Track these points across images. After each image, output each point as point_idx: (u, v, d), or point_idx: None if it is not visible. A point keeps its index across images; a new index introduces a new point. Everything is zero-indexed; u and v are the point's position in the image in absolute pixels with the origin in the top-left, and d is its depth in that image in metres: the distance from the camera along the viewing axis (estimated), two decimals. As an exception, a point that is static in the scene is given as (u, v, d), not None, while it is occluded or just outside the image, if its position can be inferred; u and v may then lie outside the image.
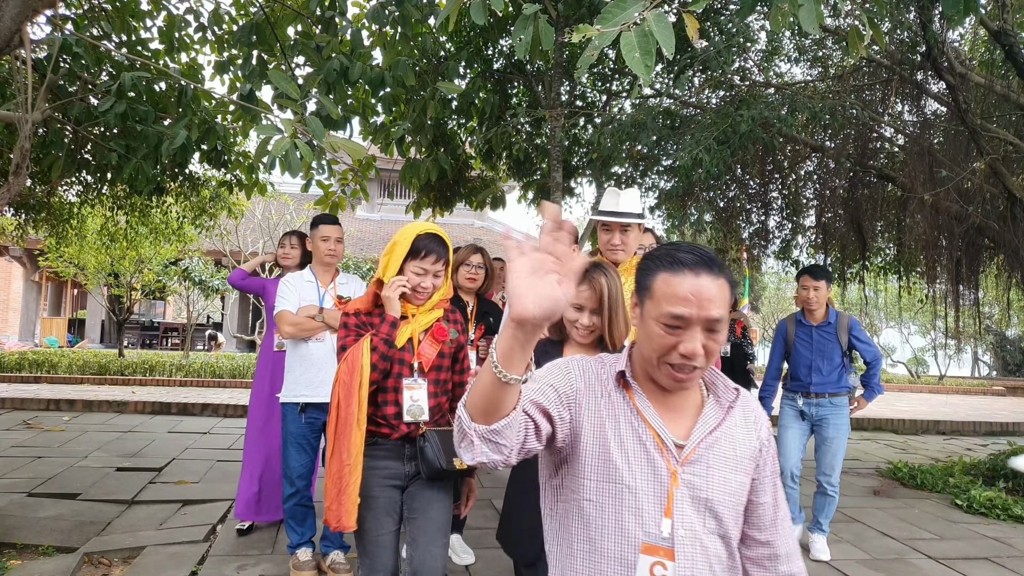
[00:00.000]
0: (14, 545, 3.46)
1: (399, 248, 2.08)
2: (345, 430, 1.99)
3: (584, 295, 1.90)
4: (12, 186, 3.32)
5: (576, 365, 1.19)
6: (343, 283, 3.42)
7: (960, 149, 6.16)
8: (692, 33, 2.06)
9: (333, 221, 3.41)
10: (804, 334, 3.83)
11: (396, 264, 2.08)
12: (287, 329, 3.14)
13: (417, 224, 2.13)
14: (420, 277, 2.07)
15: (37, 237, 9.64)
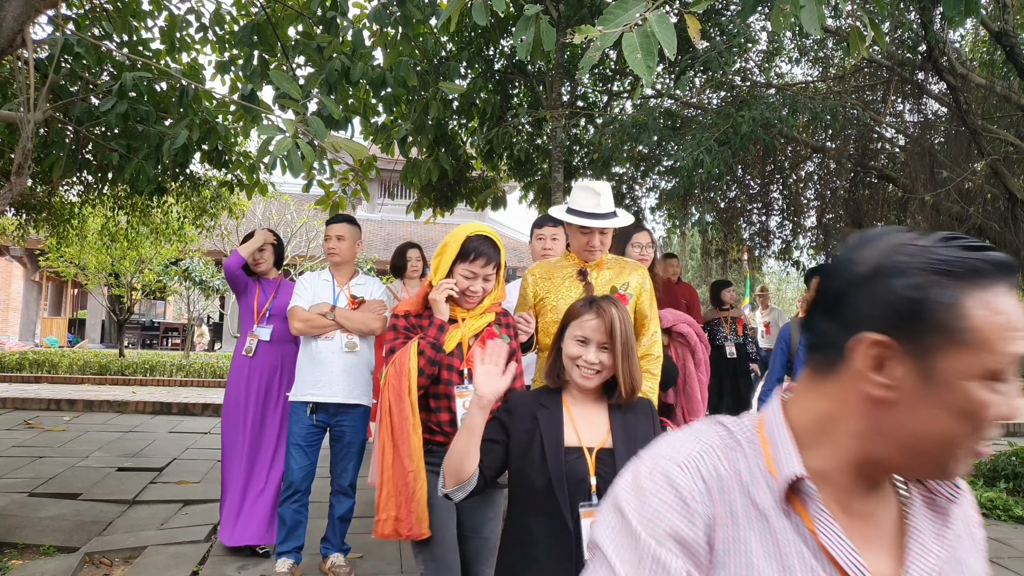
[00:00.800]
0: (15, 545, 3.46)
1: (449, 250, 2.02)
2: (403, 436, 1.92)
3: (590, 325, 1.63)
4: (14, 186, 3.32)
5: (692, 478, 0.67)
6: (360, 284, 3.35)
7: (961, 150, 6.16)
8: (694, 34, 2.06)
9: (340, 220, 3.31)
10: None
11: (446, 266, 2.02)
12: (297, 325, 3.11)
13: (469, 225, 2.07)
14: (469, 280, 2.01)
15: (38, 237, 9.65)
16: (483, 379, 1.59)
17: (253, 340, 3.47)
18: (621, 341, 1.61)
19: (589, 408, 1.67)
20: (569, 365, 1.65)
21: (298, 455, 3.14)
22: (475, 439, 1.57)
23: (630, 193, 7.03)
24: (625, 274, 2.56)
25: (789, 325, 3.76)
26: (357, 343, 3.19)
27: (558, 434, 1.59)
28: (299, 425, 3.13)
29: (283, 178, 13.40)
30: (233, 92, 5.20)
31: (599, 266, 2.54)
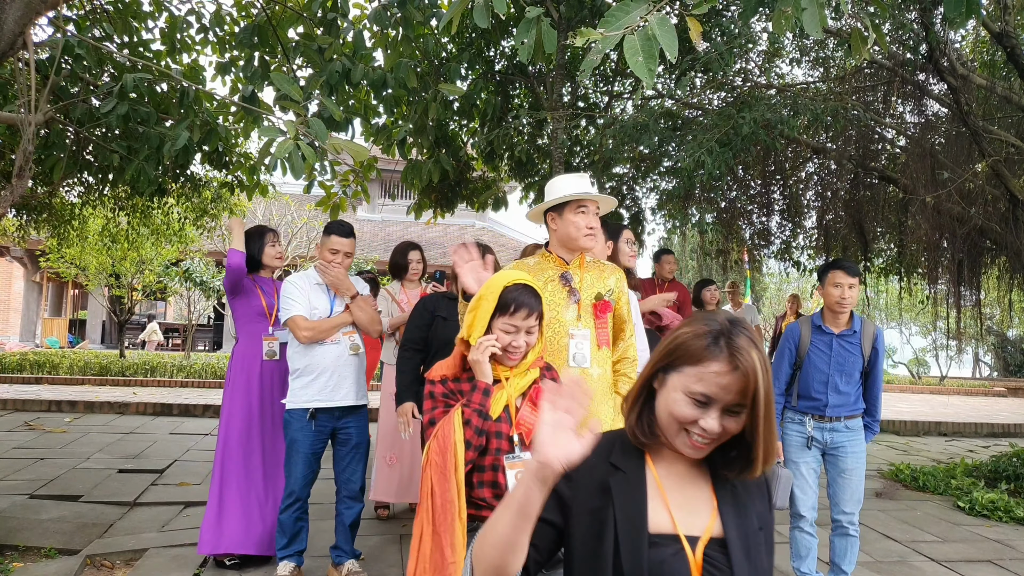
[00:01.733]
0: (16, 547, 3.45)
1: (485, 303, 1.80)
2: (445, 523, 1.67)
3: (720, 380, 1.04)
4: (15, 188, 3.32)
5: None
6: None
7: (962, 151, 6.16)
8: (695, 36, 2.06)
9: (347, 234, 3.17)
10: (822, 343, 3.10)
11: (483, 321, 1.80)
12: (305, 334, 3.00)
13: (503, 274, 1.85)
14: (511, 335, 1.80)
15: (38, 238, 9.65)
16: (549, 439, 0.96)
17: (274, 343, 3.36)
18: (764, 402, 1.04)
19: (686, 477, 1.14)
20: (674, 428, 1.09)
21: (303, 463, 3.05)
22: (527, 524, 1.00)
23: (631, 194, 7.02)
24: (605, 277, 2.47)
25: (798, 324, 3.27)
26: (360, 345, 3.18)
27: (642, 516, 1.08)
28: (303, 432, 3.03)
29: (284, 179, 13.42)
30: (234, 93, 5.20)
31: (581, 266, 2.44)
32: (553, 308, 2.38)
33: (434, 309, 3.20)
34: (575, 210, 2.36)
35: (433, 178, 5.46)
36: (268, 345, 3.37)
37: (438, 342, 3.12)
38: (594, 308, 2.41)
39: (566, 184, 2.41)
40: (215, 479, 3.29)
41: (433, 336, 3.17)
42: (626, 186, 6.95)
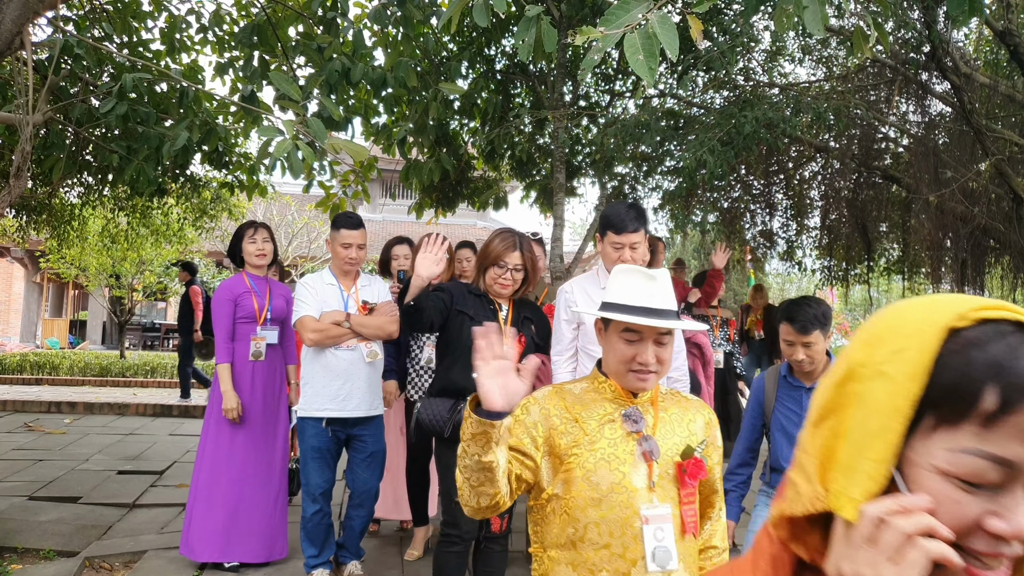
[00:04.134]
0: (15, 549, 3.44)
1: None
2: None
3: None
4: (13, 188, 3.31)
5: None
6: (365, 285, 3.14)
7: (965, 150, 6.12)
8: (696, 34, 2.04)
9: (356, 225, 3.05)
10: (791, 400, 2.39)
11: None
12: (311, 336, 2.87)
13: None
14: None
15: (38, 238, 9.65)
16: None
17: (260, 344, 3.30)
18: None
19: None
20: None
21: (321, 468, 2.95)
22: None
23: (632, 193, 7.00)
24: (690, 416, 1.52)
25: (763, 378, 2.56)
26: (379, 352, 3.03)
27: None
28: (317, 438, 2.94)
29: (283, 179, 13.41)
30: (233, 93, 5.18)
31: (654, 402, 1.49)
32: (614, 466, 1.40)
33: (455, 301, 2.52)
34: (623, 331, 1.51)
35: (434, 178, 5.44)
36: (255, 346, 3.31)
37: (462, 345, 2.45)
38: (678, 470, 1.44)
39: (623, 280, 1.46)
40: (199, 482, 3.22)
41: (454, 337, 2.53)
42: (628, 186, 6.92)
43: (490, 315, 2.49)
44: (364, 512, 3.11)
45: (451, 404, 2.38)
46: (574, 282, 2.44)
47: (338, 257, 3.03)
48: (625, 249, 2.24)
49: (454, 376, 2.46)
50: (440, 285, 2.69)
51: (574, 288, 2.43)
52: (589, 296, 2.36)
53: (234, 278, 3.40)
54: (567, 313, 2.40)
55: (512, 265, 2.46)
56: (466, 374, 2.34)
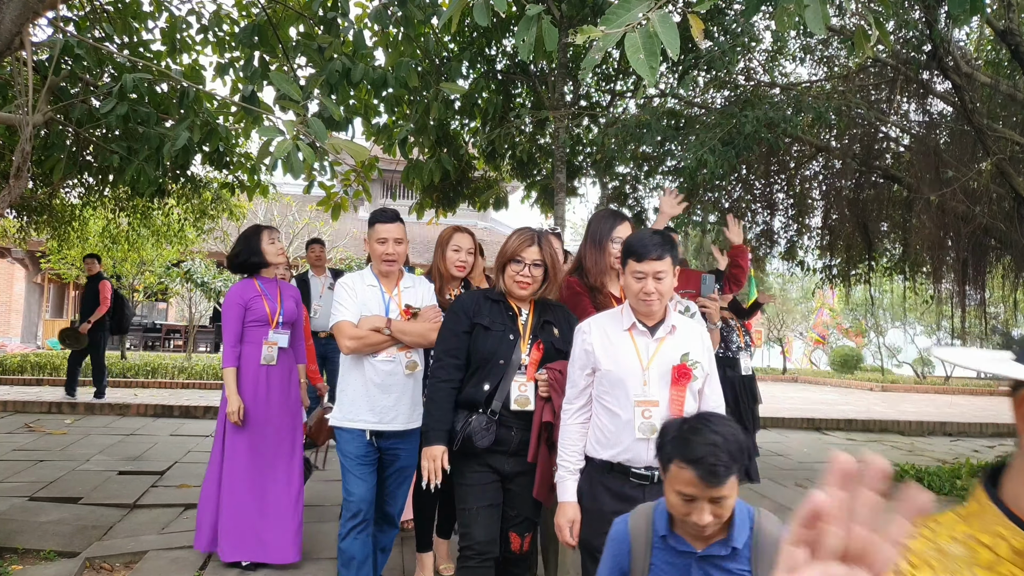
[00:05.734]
0: (15, 550, 3.44)
1: None
2: None
3: None
4: (13, 188, 3.31)
5: None
6: (408, 287, 2.86)
7: (966, 149, 6.12)
8: (697, 34, 2.03)
9: (391, 218, 2.81)
10: (672, 570, 1.53)
11: None
12: (348, 344, 2.62)
13: None
14: None
15: (39, 239, 9.65)
16: None
17: (272, 348, 3.29)
18: None
19: None
20: None
21: (365, 476, 2.69)
22: None
23: (633, 193, 6.99)
24: None
25: (627, 523, 1.66)
26: (419, 362, 2.77)
27: None
28: (355, 445, 2.69)
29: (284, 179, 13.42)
30: (234, 93, 5.18)
31: None
32: None
33: (473, 313, 2.36)
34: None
35: (434, 178, 5.44)
36: (267, 350, 3.30)
37: (478, 356, 2.31)
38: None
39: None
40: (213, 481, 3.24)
41: (473, 348, 2.33)
42: (629, 186, 6.91)
43: (508, 321, 2.33)
44: (388, 532, 2.90)
45: (464, 419, 2.27)
46: (593, 321, 2.10)
47: (375, 255, 2.78)
48: (648, 279, 1.95)
49: (468, 389, 2.31)
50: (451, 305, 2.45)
51: (592, 328, 2.07)
52: (609, 338, 2.02)
53: (244, 282, 3.39)
54: (582, 356, 2.07)
55: (530, 260, 2.31)
56: (479, 387, 2.27)
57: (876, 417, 9.29)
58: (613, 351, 2.00)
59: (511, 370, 2.28)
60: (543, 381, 2.26)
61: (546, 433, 2.24)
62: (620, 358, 1.98)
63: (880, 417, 9.32)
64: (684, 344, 2.01)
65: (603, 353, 2.00)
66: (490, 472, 2.30)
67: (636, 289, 1.96)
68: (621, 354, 1.98)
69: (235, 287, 3.35)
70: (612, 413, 1.97)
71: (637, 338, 2.01)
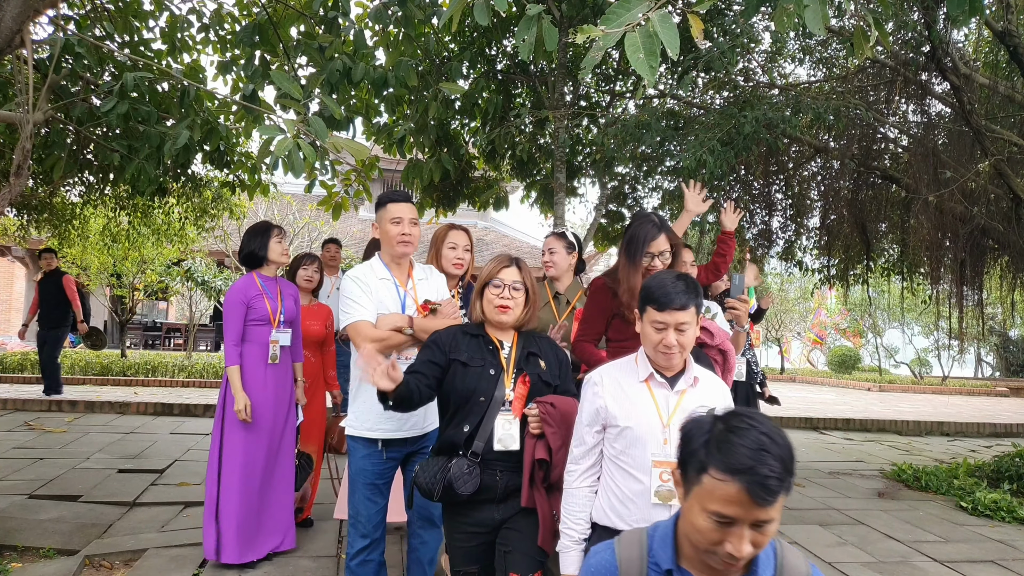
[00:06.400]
0: (15, 547, 3.44)
1: None
2: None
3: None
4: (13, 187, 3.32)
5: None
6: (421, 279, 2.64)
7: (964, 150, 6.13)
8: (697, 34, 2.04)
9: (404, 198, 2.57)
10: None
11: None
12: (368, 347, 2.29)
13: None
14: None
15: (39, 238, 9.65)
16: None
17: (276, 347, 3.31)
18: None
19: None
20: None
21: (373, 496, 2.48)
22: None
23: (632, 193, 7.01)
24: None
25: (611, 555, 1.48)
26: None
27: None
28: (371, 461, 2.49)
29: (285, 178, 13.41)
30: (234, 92, 5.19)
31: None
32: None
33: (450, 348, 2.17)
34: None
35: (434, 177, 5.45)
36: (272, 348, 3.33)
37: (456, 396, 2.13)
38: None
39: None
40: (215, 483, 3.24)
41: (449, 388, 2.15)
42: (628, 186, 6.93)
43: (488, 356, 2.14)
44: (430, 539, 2.65)
45: (443, 464, 2.07)
46: (604, 372, 1.89)
47: (389, 237, 2.52)
48: (669, 331, 1.75)
49: (448, 432, 2.13)
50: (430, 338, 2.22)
51: (604, 379, 1.86)
52: (624, 391, 1.82)
53: (245, 280, 3.38)
54: (592, 410, 1.83)
55: (510, 282, 2.15)
56: (459, 428, 2.10)
57: (874, 417, 9.31)
58: (629, 405, 1.78)
59: (493, 407, 2.07)
60: (534, 416, 2.04)
61: (541, 472, 2.03)
62: (637, 413, 1.77)
63: (878, 417, 9.34)
64: (707, 398, 1.79)
65: (618, 407, 1.79)
66: (478, 532, 2.08)
67: (655, 340, 1.76)
68: (638, 408, 1.78)
69: (236, 284, 3.36)
70: (628, 475, 1.76)
71: (656, 390, 1.80)
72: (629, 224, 2.66)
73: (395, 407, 2.05)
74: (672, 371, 1.82)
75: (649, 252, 2.50)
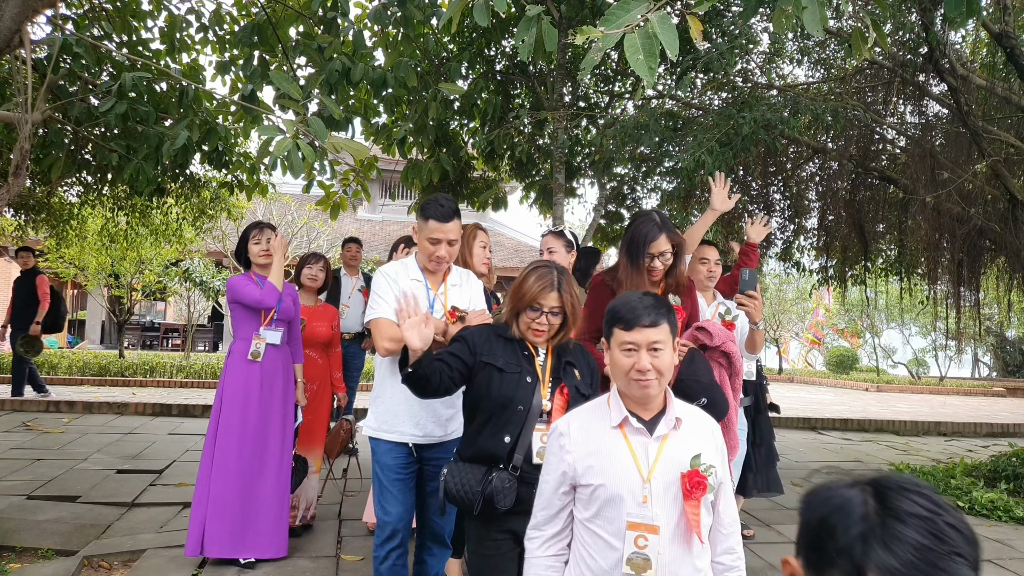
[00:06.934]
0: (13, 548, 3.44)
1: None
2: None
3: None
4: (12, 187, 3.31)
5: None
6: (455, 284, 2.56)
7: (962, 151, 6.15)
8: (696, 35, 2.05)
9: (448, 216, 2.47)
10: None
11: None
12: (387, 346, 2.32)
13: None
14: None
15: (37, 238, 9.63)
16: None
17: (260, 344, 3.29)
18: None
19: None
20: None
21: (403, 493, 2.41)
22: None
23: (631, 194, 7.02)
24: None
25: None
26: None
27: None
28: (394, 456, 2.42)
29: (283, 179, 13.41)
30: (233, 92, 5.19)
31: None
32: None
33: (483, 351, 2.08)
34: None
35: (433, 178, 5.46)
36: (254, 345, 3.30)
37: (491, 402, 2.02)
38: None
39: None
40: (204, 479, 3.23)
41: (482, 394, 2.04)
42: (627, 186, 6.94)
43: (524, 362, 2.04)
44: (440, 555, 2.59)
45: (482, 474, 1.96)
46: (572, 417, 1.64)
47: (425, 252, 2.48)
48: (642, 352, 1.53)
49: (483, 441, 2.01)
50: (460, 333, 2.16)
51: (571, 427, 1.60)
52: (594, 439, 1.56)
53: (241, 276, 3.40)
54: (558, 467, 1.58)
55: (548, 308, 2.01)
56: (498, 438, 1.98)
57: (872, 417, 9.33)
58: (601, 458, 1.52)
59: (531, 418, 1.96)
60: None
61: None
62: (611, 467, 1.51)
63: (875, 417, 9.36)
64: (693, 442, 1.55)
65: (588, 462, 1.53)
66: (508, 540, 1.97)
67: (626, 366, 1.52)
68: (613, 461, 1.51)
69: (232, 281, 3.36)
70: (603, 541, 1.50)
71: (632, 437, 1.54)
72: (630, 223, 2.60)
73: (410, 382, 1.97)
74: (650, 411, 1.56)
75: (650, 253, 2.44)
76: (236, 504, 3.21)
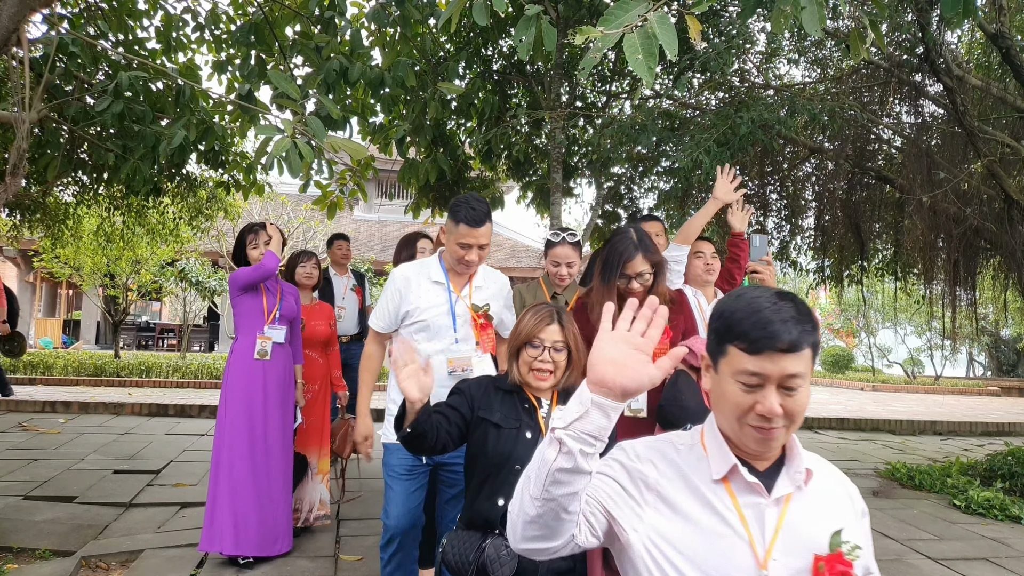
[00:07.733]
0: (11, 549, 3.43)
1: None
2: None
3: None
4: (9, 187, 3.30)
5: None
6: (479, 286, 2.44)
7: (957, 151, 6.18)
8: (694, 35, 2.05)
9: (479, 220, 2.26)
10: None
11: None
12: (402, 337, 2.33)
13: None
14: None
15: (32, 238, 9.59)
16: None
17: (266, 342, 3.31)
18: None
19: None
20: None
21: (403, 494, 2.29)
22: None
23: (628, 194, 7.02)
24: None
25: None
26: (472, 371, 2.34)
27: None
28: (399, 457, 2.33)
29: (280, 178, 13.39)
30: (230, 92, 5.18)
31: None
32: None
33: (481, 405, 1.93)
34: None
35: (430, 177, 5.45)
36: (260, 344, 3.32)
37: (487, 461, 1.86)
38: None
39: None
40: (215, 477, 3.25)
41: (478, 451, 1.89)
42: (624, 186, 6.95)
43: (524, 416, 1.87)
44: None
45: (477, 543, 1.78)
46: (640, 446, 1.20)
47: (453, 255, 2.34)
48: (770, 391, 1.06)
49: (479, 504, 1.84)
50: (458, 386, 2.00)
51: (654, 463, 1.24)
52: (690, 496, 1.11)
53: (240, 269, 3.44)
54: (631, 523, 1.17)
55: (550, 343, 1.86)
56: (492, 501, 1.80)
57: (868, 416, 9.36)
58: (695, 527, 1.05)
59: None
60: None
61: None
62: (709, 542, 1.04)
63: (872, 416, 9.39)
64: (828, 508, 1.09)
65: (678, 528, 1.05)
66: None
67: (744, 406, 1.03)
68: (710, 532, 1.04)
69: (233, 272, 3.39)
70: None
71: (741, 497, 1.06)
72: (608, 239, 2.43)
73: (407, 440, 1.76)
74: (765, 459, 1.09)
75: (625, 273, 2.26)
76: (249, 503, 3.22)
